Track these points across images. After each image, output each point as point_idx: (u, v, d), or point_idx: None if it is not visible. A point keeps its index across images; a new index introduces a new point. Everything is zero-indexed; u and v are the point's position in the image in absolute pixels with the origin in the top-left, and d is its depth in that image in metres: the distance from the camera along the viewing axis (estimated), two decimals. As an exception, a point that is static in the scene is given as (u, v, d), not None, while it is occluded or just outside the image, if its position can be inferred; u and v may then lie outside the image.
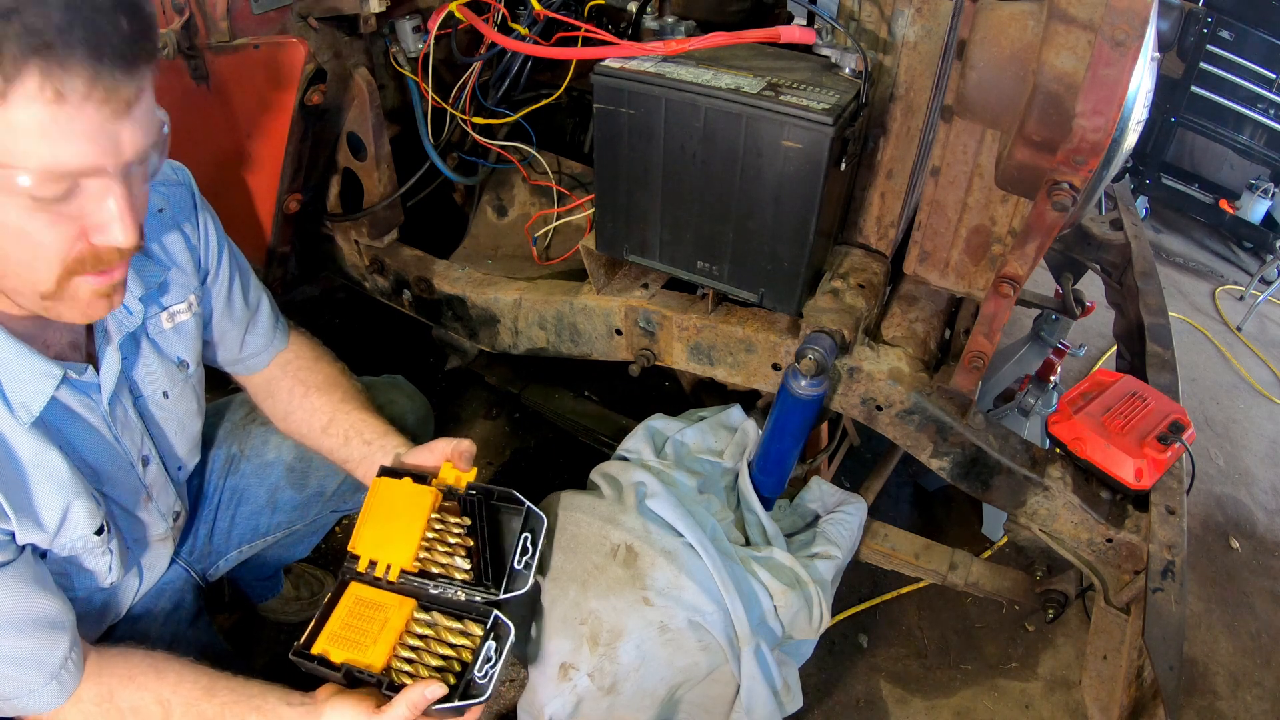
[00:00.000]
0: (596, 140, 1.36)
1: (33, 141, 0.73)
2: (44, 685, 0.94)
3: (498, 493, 1.14)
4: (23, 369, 0.90)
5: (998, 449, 1.38)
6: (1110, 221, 2.08)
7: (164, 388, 1.14)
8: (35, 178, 0.74)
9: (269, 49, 1.44)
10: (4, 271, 0.83)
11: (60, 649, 0.95)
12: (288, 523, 1.45)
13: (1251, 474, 2.62)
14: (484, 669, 1.03)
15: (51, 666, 0.94)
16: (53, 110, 0.72)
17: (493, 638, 1.05)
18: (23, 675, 0.93)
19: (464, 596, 1.09)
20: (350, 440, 1.28)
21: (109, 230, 0.81)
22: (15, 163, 0.73)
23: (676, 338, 1.50)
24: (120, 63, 0.73)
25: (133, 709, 0.99)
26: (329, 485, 1.45)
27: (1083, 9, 1.00)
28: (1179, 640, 1.18)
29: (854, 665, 1.89)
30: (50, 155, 0.74)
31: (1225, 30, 3.42)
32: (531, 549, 1.14)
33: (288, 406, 1.33)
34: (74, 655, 0.97)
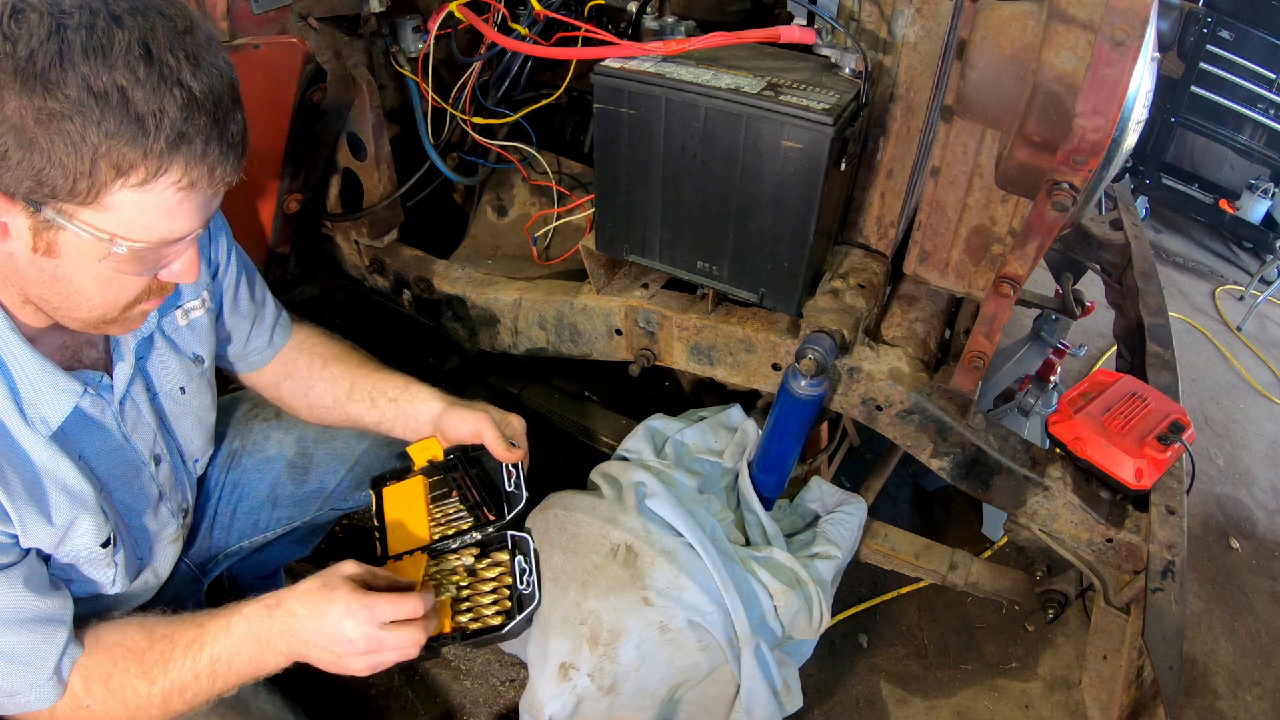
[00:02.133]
0: (596, 140, 1.36)
1: (156, 219, 0.83)
2: (45, 680, 0.95)
3: (471, 446, 1.27)
4: (44, 383, 0.93)
5: (998, 449, 1.38)
6: (1110, 221, 2.08)
7: (181, 383, 1.16)
8: (148, 247, 0.85)
9: (269, 49, 1.43)
10: (75, 307, 0.90)
11: (58, 645, 0.95)
12: (288, 519, 1.46)
13: (1251, 474, 2.62)
14: (525, 580, 1.15)
15: (50, 662, 0.95)
16: (182, 195, 0.83)
17: (519, 553, 1.18)
18: (21, 672, 0.93)
19: (479, 535, 1.21)
20: (377, 400, 1.32)
21: (181, 275, 0.93)
22: (133, 236, 0.83)
23: (676, 338, 1.50)
24: (236, 152, 0.85)
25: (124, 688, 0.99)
26: (329, 482, 1.45)
27: (1083, 9, 1.00)
28: (1179, 640, 1.18)
29: (854, 665, 1.89)
30: (167, 230, 0.85)
31: (1225, 30, 3.42)
32: (516, 471, 1.26)
33: (308, 382, 1.35)
34: (71, 650, 0.97)
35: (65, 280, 0.87)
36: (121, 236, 0.83)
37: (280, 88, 1.45)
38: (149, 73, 0.76)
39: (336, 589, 1.00)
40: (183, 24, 0.80)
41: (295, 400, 1.37)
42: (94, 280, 0.88)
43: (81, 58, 0.74)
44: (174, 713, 1.00)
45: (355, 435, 1.44)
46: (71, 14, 0.75)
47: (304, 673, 1.07)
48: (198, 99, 0.79)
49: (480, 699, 1.74)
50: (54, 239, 0.84)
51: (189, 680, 1.00)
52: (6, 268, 0.87)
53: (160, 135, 0.78)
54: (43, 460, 0.94)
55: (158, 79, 0.77)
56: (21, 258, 0.85)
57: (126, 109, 0.76)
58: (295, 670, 1.07)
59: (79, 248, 0.84)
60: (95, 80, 0.75)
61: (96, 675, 0.99)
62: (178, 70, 0.78)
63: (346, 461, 1.45)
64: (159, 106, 0.77)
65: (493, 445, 1.24)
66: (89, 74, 0.75)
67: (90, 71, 0.75)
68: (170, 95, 0.78)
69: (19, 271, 0.87)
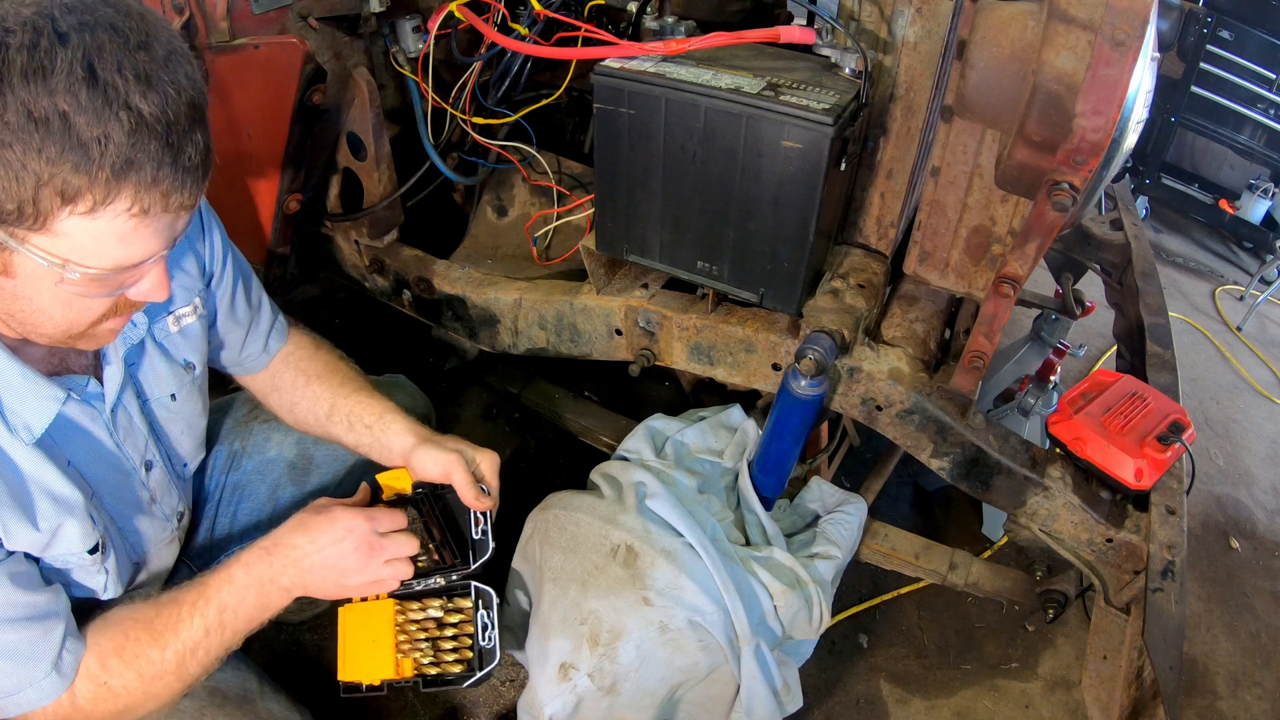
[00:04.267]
0: (596, 140, 1.36)
1: (109, 245, 0.80)
2: (45, 676, 0.94)
3: (440, 486, 1.23)
4: (27, 391, 0.91)
5: (998, 449, 1.38)
6: (1110, 221, 2.08)
7: (171, 390, 1.15)
8: (103, 272, 0.82)
9: (269, 49, 1.43)
10: (38, 324, 0.88)
11: (55, 640, 0.95)
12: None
13: (1251, 474, 2.62)
14: (487, 636, 1.16)
15: (50, 657, 0.94)
16: (135, 222, 0.79)
17: (481, 606, 1.18)
18: (19, 669, 0.93)
19: (443, 581, 1.18)
20: (353, 425, 1.29)
21: (149, 294, 0.89)
22: (88, 262, 0.80)
23: (676, 338, 1.50)
24: (194, 176, 0.81)
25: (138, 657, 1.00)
26: (330, 483, 1.45)
27: (1083, 9, 1.00)
28: (1179, 640, 1.18)
29: (854, 665, 1.89)
30: (123, 256, 0.81)
31: (1225, 30, 3.42)
32: (483, 519, 1.22)
33: (292, 398, 1.34)
34: (70, 645, 0.97)
35: (25, 299, 0.85)
36: (74, 262, 0.80)
37: (280, 88, 1.45)
38: (92, 96, 0.72)
39: (328, 509, 1.08)
40: (136, 39, 0.75)
41: (282, 412, 1.37)
42: (54, 301, 0.85)
43: (21, 81, 0.70)
44: (189, 676, 1.03)
45: None
46: (14, 31, 0.71)
47: (305, 672, 1.07)
48: (147, 122, 0.75)
49: (480, 699, 1.74)
50: (8, 260, 0.81)
51: (200, 638, 1.02)
52: None
53: (106, 162, 0.74)
54: (28, 467, 0.92)
55: (101, 102, 0.73)
56: None
57: (68, 135, 0.72)
58: (297, 670, 1.07)
59: (34, 270, 0.81)
60: (35, 105, 0.71)
61: (111, 650, 0.99)
62: (125, 93, 0.73)
63: (346, 463, 1.45)
64: (103, 132, 0.73)
65: (462, 490, 1.20)
66: (28, 99, 0.71)
67: (30, 96, 0.71)
68: (116, 120, 0.73)
69: None
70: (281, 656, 1.72)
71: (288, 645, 1.74)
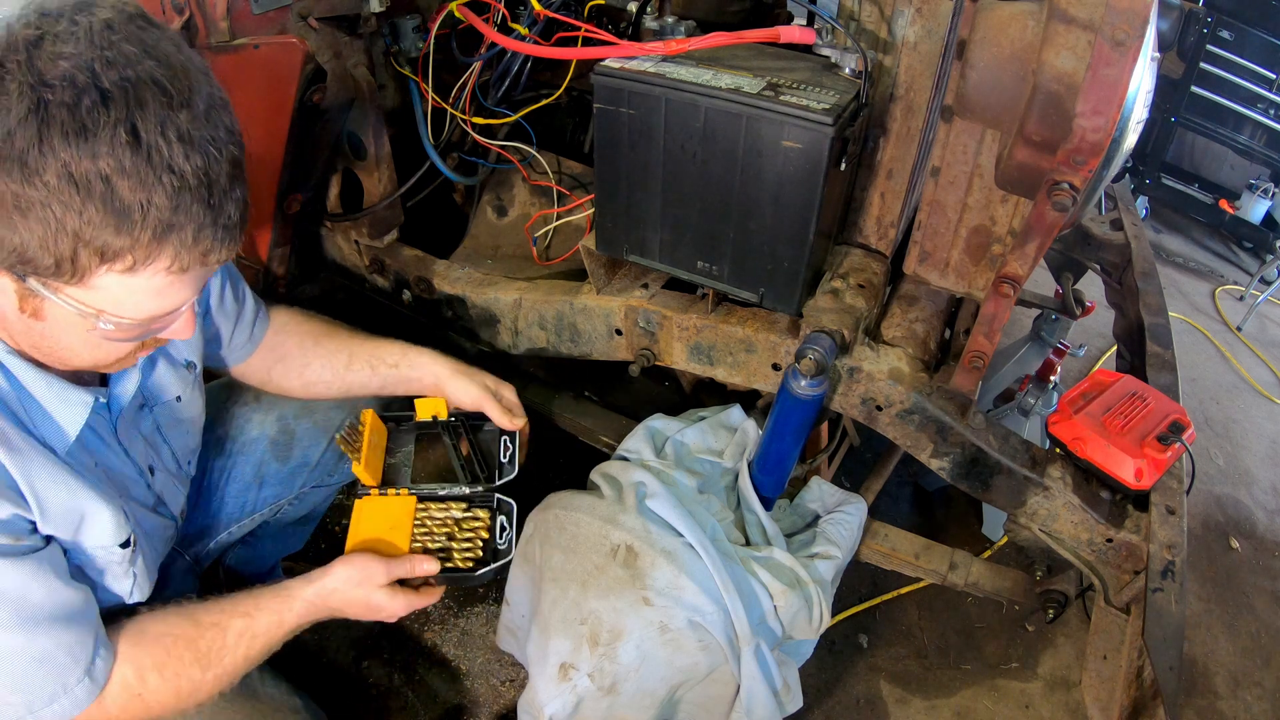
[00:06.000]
0: (596, 140, 1.36)
1: (145, 299, 0.81)
2: (78, 683, 0.92)
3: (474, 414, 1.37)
4: (53, 398, 0.92)
5: (998, 449, 1.38)
6: (1110, 221, 2.08)
7: (177, 392, 1.17)
8: (136, 323, 0.83)
9: (269, 49, 1.43)
10: (64, 360, 0.89)
11: (88, 643, 0.93)
12: (274, 496, 1.47)
13: (1251, 474, 2.62)
14: (503, 537, 1.25)
15: (84, 662, 0.92)
16: (173, 278, 0.80)
17: (501, 514, 1.27)
18: (56, 676, 0.90)
19: (468, 491, 1.29)
20: (377, 368, 1.35)
21: (176, 333, 0.91)
22: (122, 314, 0.81)
23: (676, 338, 1.50)
24: (233, 234, 0.81)
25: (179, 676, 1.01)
26: (313, 455, 1.47)
27: (1083, 9, 1.00)
28: (1179, 640, 1.18)
29: (854, 665, 1.89)
30: (157, 308, 0.83)
31: (1225, 30, 3.42)
32: (511, 447, 1.37)
33: (303, 360, 1.36)
34: (102, 651, 0.95)
35: (53, 339, 0.85)
36: (109, 314, 0.80)
37: (280, 88, 1.45)
38: (136, 159, 0.71)
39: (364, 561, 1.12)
40: (179, 95, 0.74)
41: (289, 381, 1.38)
42: (83, 344, 0.86)
43: (62, 141, 0.68)
44: (219, 691, 1.06)
45: (335, 406, 1.46)
46: (54, 86, 0.68)
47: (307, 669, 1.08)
48: (190, 185, 0.74)
49: (480, 699, 1.74)
50: (39, 305, 0.80)
51: (240, 666, 1.06)
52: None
53: (147, 226, 0.73)
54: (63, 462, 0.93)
55: (145, 166, 0.71)
56: (9, 313, 0.83)
57: (111, 199, 0.71)
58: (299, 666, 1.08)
59: (65, 317, 0.81)
60: (77, 166, 0.69)
61: (150, 665, 0.99)
62: (168, 155, 0.72)
63: (328, 432, 1.47)
64: (146, 197, 0.72)
65: (496, 416, 1.33)
66: (70, 159, 0.69)
67: (71, 157, 0.69)
68: (159, 183, 0.72)
69: (7, 323, 0.85)
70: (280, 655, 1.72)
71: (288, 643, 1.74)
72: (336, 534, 2.02)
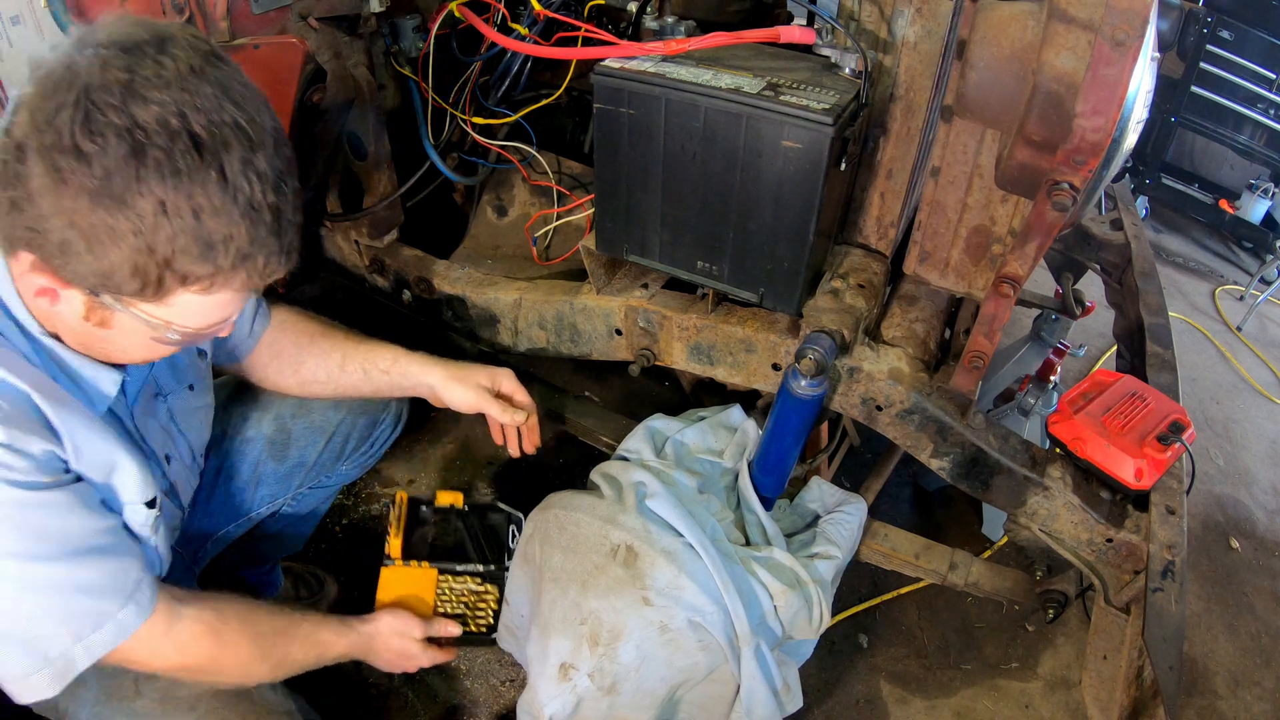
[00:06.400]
0: (596, 140, 1.36)
1: (211, 311, 0.89)
2: (121, 608, 0.94)
3: (486, 504, 1.54)
4: (87, 371, 0.96)
5: (998, 449, 1.38)
6: (1110, 221, 2.08)
7: (190, 380, 1.20)
8: (199, 331, 0.91)
9: (269, 49, 1.43)
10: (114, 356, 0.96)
11: (132, 569, 0.97)
12: (271, 496, 1.48)
13: (1251, 474, 2.62)
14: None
15: (127, 588, 0.95)
16: (240, 295, 0.89)
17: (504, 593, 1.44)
18: (98, 603, 0.93)
19: (481, 569, 1.44)
20: (369, 372, 1.38)
21: (223, 331, 0.98)
22: (188, 325, 0.89)
23: (676, 338, 1.50)
24: (291, 255, 0.89)
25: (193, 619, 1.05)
26: (310, 455, 1.47)
27: (1083, 9, 1.00)
28: (1179, 640, 1.18)
29: (854, 665, 1.89)
30: (219, 318, 0.91)
31: (1225, 30, 3.42)
32: (518, 534, 1.48)
33: (298, 358, 1.37)
34: (147, 578, 0.98)
35: (111, 342, 0.92)
36: (176, 325, 0.88)
37: (280, 88, 1.45)
38: (224, 199, 0.78)
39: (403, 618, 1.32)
40: (256, 136, 0.80)
41: (284, 378, 1.39)
42: (139, 346, 0.93)
43: (158, 181, 0.75)
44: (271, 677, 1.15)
45: (332, 406, 1.46)
46: (149, 130, 0.74)
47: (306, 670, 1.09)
48: (265, 219, 0.82)
49: (480, 699, 1.74)
50: (109, 316, 0.87)
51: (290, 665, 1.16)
52: (49, 313, 0.89)
53: (229, 255, 0.81)
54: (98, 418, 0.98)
55: (230, 203, 0.78)
56: (70, 319, 0.89)
57: (198, 232, 0.78)
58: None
59: (133, 326, 0.88)
60: (170, 201, 0.76)
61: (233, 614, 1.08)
62: (249, 193, 0.79)
63: (325, 433, 1.47)
64: (229, 231, 0.80)
65: (496, 416, 1.39)
66: (163, 195, 0.75)
67: (166, 195, 0.76)
68: (242, 219, 0.80)
69: (64, 323, 0.91)
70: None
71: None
72: (336, 534, 2.02)
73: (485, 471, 2.19)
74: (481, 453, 2.19)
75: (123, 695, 1.11)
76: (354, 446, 1.52)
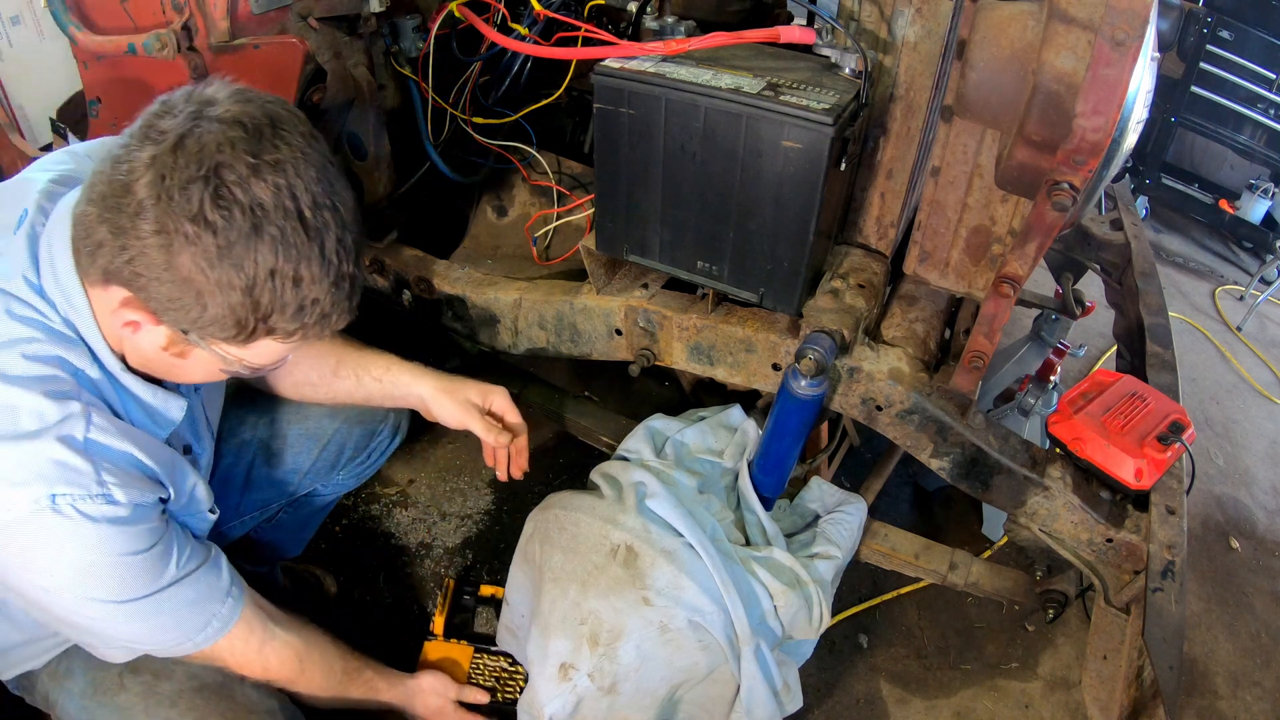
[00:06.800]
0: (596, 140, 1.36)
1: (280, 353, 1.00)
2: (221, 604, 1.08)
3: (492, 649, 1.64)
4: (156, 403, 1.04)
5: (998, 449, 1.38)
6: (1110, 221, 2.08)
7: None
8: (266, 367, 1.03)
9: (269, 49, 1.43)
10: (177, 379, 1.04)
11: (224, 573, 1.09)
12: (264, 500, 1.48)
13: (1251, 474, 2.62)
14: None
15: (221, 590, 1.09)
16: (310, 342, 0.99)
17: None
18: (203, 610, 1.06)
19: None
20: (362, 378, 1.40)
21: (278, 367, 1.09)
22: (259, 363, 1.00)
23: (676, 338, 1.50)
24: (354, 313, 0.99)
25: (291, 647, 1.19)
26: (304, 461, 1.47)
27: (1083, 9, 1.00)
28: (1179, 640, 1.18)
29: (854, 665, 1.89)
30: (281, 356, 1.01)
31: (1225, 30, 3.41)
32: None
33: (292, 360, 1.36)
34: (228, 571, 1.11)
35: (179, 368, 1.00)
36: (247, 362, 0.98)
37: (280, 88, 1.45)
38: (322, 271, 0.90)
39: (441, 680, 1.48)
40: (348, 216, 0.93)
41: (278, 380, 1.40)
42: (205, 374, 1.02)
43: (271, 252, 0.86)
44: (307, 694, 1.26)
45: (328, 414, 1.46)
46: (268, 210, 0.85)
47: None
48: (345, 288, 0.94)
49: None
50: (188, 350, 0.96)
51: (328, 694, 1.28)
52: (120, 336, 0.96)
53: (315, 315, 0.93)
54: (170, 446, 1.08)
55: (322, 274, 0.90)
56: (146, 349, 0.96)
57: (295, 296, 0.89)
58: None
59: (208, 359, 0.96)
60: (279, 269, 0.87)
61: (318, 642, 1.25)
62: (338, 265, 0.91)
63: (320, 440, 1.46)
64: (319, 297, 0.91)
65: (481, 434, 1.39)
66: (275, 265, 0.86)
67: (277, 264, 0.86)
68: (332, 288, 0.92)
69: (136, 349, 0.97)
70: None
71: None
72: (336, 534, 2.02)
73: (485, 473, 2.19)
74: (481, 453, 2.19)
75: (108, 689, 1.14)
76: (350, 456, 1.52)
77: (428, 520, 2.09)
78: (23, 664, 1.19)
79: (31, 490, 0.87)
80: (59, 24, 1.56)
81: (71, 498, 0.89)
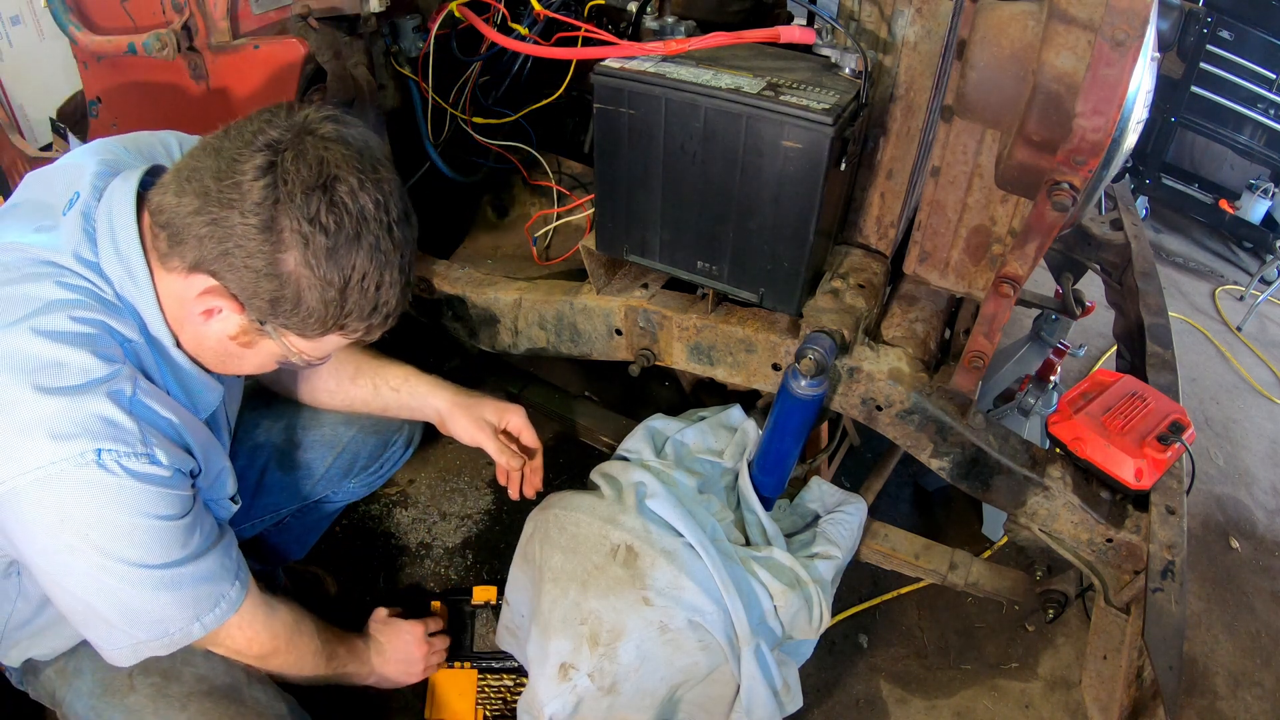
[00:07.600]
0: (596, 140, 1.36)
1: (336, 346, 1.06)
2: (230, 585, 1.08)
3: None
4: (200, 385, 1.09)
5: (998, 449, 1.38)
6: (1110, 221, 2.08)
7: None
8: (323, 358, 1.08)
9: (269, 49, 1.43)
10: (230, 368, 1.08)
11: (234, 554, 1.11)
12: (274, 505, 1.48)
13: (1251, 474, 2.62)
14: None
15: (232, 570, 1.09)
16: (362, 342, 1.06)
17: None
18: (213, 589, 1.06)
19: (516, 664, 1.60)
20: (379, 388, 1.42)
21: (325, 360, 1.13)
22: (317, 355, 1.06)
23: (676, 338, 1.50)
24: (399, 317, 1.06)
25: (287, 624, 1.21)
26: (318, 468, 1.47)
27: (1083, 9, 1.00)
28: (1179, 640, 1.18)
29: (854, 665, 1.89)
30: (333, 349, 1.07)
31: (1225, 30, 3.41)
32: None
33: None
34: (239, 555, 1.12)
35: (237, 357, 1.04)
36: (307, 354, 1.04)
37: (280, 88, 1.45)
38: (397, 276, 0.99)
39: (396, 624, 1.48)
40: (414, 231, 1.03)
41: (295, 384, 1.40)
42: (262, 364, 1.07)
43: (364, 260, 0.95)
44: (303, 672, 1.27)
45: (343, 421, 1.46)
46: (368, 220, 0.94)
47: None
48: (408, 295, 1.03)
49: (480, 699, 1.74)
50: (256, 339, 1.00)
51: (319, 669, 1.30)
52: (186, 321, 0.99)
53: (380, 318, 1.01)
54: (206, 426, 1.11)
55: (397, 277, 0.99)
56: (212, 335, 1.00)
57: (374, 298, 0.98)
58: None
59: (271, 349, 1.02)
60: (368, 273, 0.96)
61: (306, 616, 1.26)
62: (407, 271, 1.01)
63: (334, 448, 1.46)
64: (389, 299, 0.99)
65: (494, 454, 1.42)
66: (366, 270, 0.95)
67: (367, 268, 0.95)
68: (401, 292, 1.01)
69: (197, 334, 1.01)
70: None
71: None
72: (336, 534, 2.02)
73: (485, 473, 2.19)
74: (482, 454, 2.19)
75: (117, 689, 1.13)
76: (363, 465, 1.52)
77: (428, 520, 2.09)
78: (28, 648, 1.18)
79: (77, 443, 0.87)
80: (59, 24, 1.56)
81: (117, 454, 0.90)
